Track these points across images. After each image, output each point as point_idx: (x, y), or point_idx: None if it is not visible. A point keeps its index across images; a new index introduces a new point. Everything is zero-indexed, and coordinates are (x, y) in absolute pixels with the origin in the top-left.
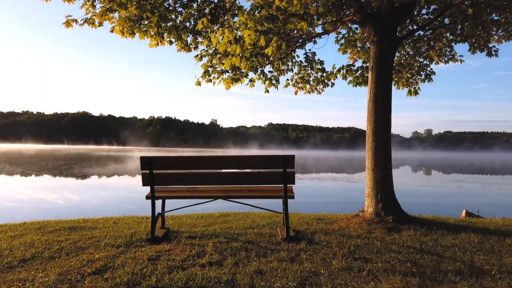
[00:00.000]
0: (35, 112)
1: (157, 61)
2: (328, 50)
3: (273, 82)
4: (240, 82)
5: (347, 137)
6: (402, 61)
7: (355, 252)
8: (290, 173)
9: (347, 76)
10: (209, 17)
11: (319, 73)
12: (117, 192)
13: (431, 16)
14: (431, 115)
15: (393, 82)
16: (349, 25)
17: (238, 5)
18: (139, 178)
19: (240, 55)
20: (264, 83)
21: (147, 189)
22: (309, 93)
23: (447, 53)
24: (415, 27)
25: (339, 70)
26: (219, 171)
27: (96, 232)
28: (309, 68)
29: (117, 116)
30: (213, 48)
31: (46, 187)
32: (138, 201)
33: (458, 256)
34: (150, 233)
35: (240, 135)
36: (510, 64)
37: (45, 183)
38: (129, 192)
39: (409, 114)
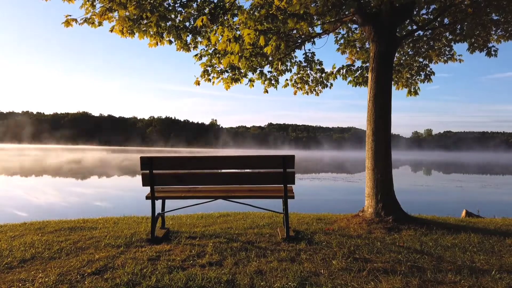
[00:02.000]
0: (35, 112)
1: (157, 61)
2: (328, 51)
3: (273, 82)
4: (239, 82)
5: (347, 137)
6: (401, 61)
7: (355, 252)
8: (290, 173)
9: (347, 76)
10: (208, 16)
11: (318, 74)
12: None
13: (431, 16)
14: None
15: (392, 82)
16: (349, 25)
17: (238, 4)
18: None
19: (239, 54)
20: (264, 83)
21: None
22: (307, 93)
23: (447, 52)
24: (414, 27)
25: (339, 70)
26: (219, 171)
27: (96, 233)
28: (308, 69)
29: (117, 116)
30: (213, 48)
31: None
32: None
33: (458, 256)
34: (150, 233)
35: (240, 135)
36: (448, 67)
37: None
38: None
39: (407, 114)
